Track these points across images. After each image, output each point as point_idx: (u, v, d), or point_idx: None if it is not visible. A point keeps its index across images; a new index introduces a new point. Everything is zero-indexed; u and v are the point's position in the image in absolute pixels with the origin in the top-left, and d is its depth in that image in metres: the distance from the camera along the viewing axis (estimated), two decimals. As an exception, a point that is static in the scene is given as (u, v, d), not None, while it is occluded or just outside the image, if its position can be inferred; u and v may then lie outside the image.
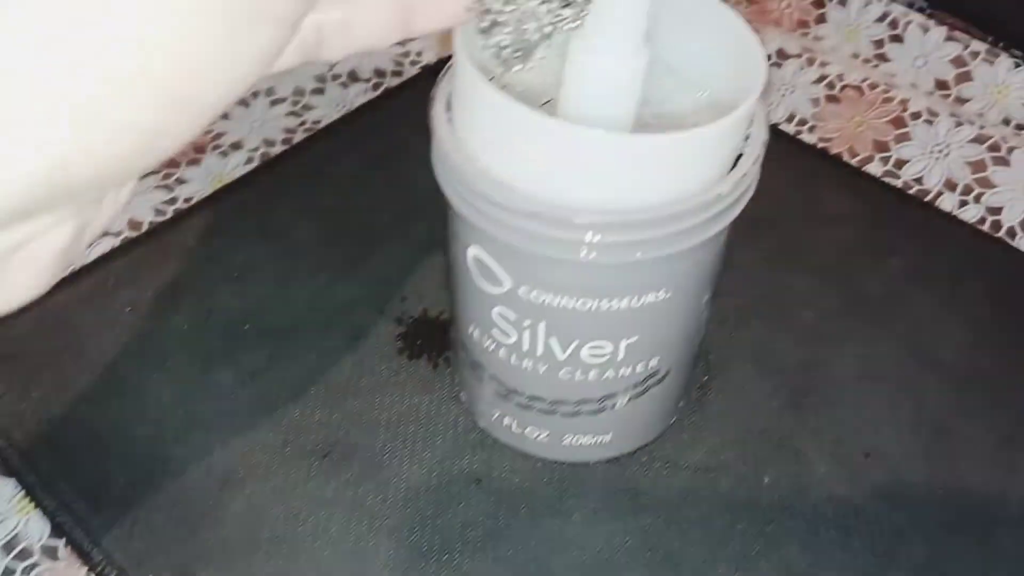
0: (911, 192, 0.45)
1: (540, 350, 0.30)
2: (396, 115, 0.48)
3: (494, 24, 0.23)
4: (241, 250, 0.42)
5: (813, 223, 0.43)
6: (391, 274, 0.40)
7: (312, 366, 0.37)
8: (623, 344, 0.29)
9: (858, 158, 0.46)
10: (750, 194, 0.27)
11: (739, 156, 0.27)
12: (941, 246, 0.42)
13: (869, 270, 0.41)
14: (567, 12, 0.24)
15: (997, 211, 0.43)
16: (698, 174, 0.26)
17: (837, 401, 0.36)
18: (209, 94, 0.19)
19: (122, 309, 0.39)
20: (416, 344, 0.38)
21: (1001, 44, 0.51)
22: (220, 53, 0.19)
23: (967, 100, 0.49)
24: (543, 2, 0.23)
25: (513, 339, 0.30)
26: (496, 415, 0.34)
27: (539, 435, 0.33)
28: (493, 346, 0.31)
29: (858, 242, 0.42)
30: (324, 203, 0.44)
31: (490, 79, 0.26)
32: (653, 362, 0.31)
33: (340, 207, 0.43)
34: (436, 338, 0.38)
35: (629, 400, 0.32)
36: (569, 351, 0.30)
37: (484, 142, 0.26)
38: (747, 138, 0.27)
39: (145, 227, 0.43)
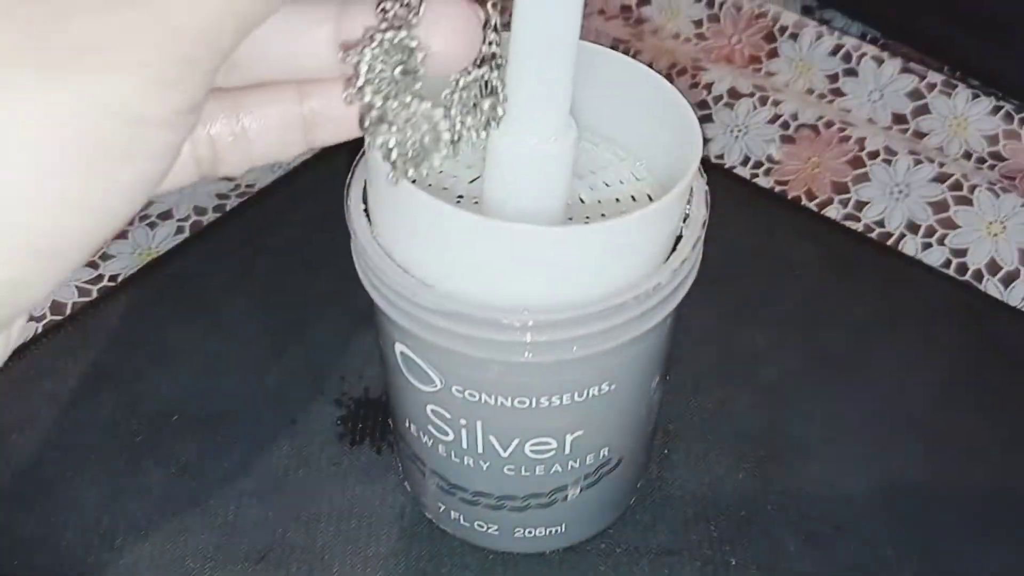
0: (872, 236, 0.43)
1: (480, 448, 0.28)
2: (335, 175, 0.45)
3: (379, 122, 0.21)
4: (170, 331, 0.39)
5: (772, 273, 0.41)
6: (329, 351, 0.38)
7: (246, 458, 0.35)
8: (568, 439, 0.27)
9: (817, 201, 0.44)
10: (692, 278, 0.26)
11: (679, 237, 0.25)
12: (906, 293, 0.40)
13: (832, 322, 0.39)
14: (472, 122, 0.22)
15: (962, 253, 0.42)
16: (635, 262, 0.24)
17: (803, 469, 0.34)
18: (75, 240, 0.17)
19: (43, 402, 0.37)
20: (358, 428, 0.36)
21: (958, 74, 0.49)
22: (87, 196, 0.17)
23: (926, 134, 0.47)
24: (438, 107, 0.21)
25: (451, 437, 0.28)
26: (442, 508, 0.32)
27: (489, 528, 0.31)
28: (431, 442, 0.29)
29: (820, 292, 0.40)
30: (258, 274, 0.41)
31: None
32: (604, 452, 0.29)
33: (275, 278, 0.41)
34: (379, 420, 0.36)
35: (581, 491, 0.30)
36: (511, 449, 0.27)
37: (402, 238, 0.24)
38: (686, 217, 0.25)
39: (68, 309, 0.40)
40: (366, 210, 0.26)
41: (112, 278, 0.42)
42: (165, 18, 0.17)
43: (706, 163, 0.46)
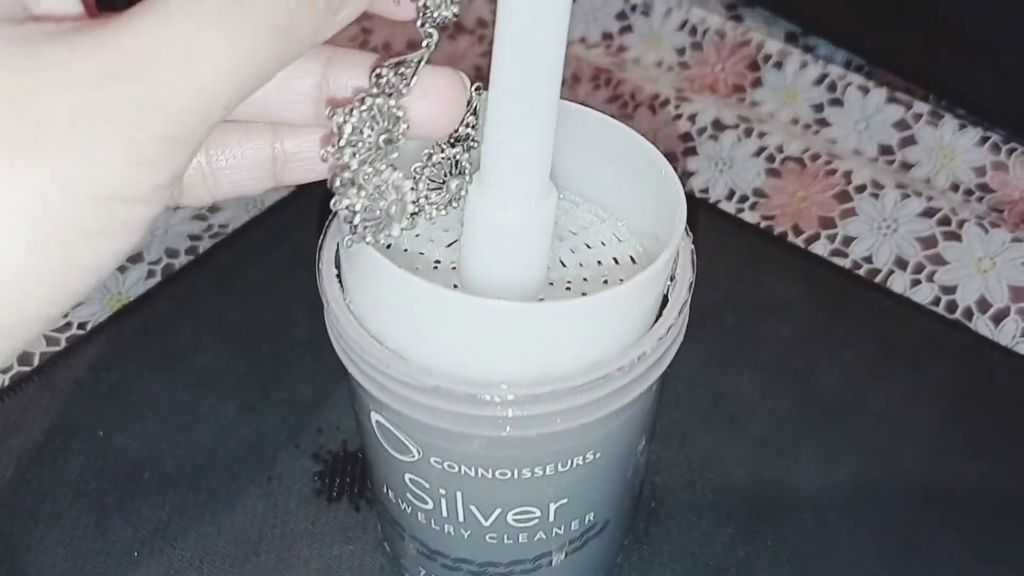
0: (860, 272, 0.42)
1: (461, 516, 0.27)
2: (309, 214, 0.44)
3: (349, 184, 0.20)
4: (140, 382, 0.38)
5: (759, 314, 0.40)
6: (305, 401, 0.37)
7: (219, 517, 0.34)
8: (552, 507, 0.26)
9: (803, 236, 0.44)
10: (679, 342, 0.25)
11: (664, 299, 0.24)
12: (896, 334, 0.39)
13: (822, 366, 0.38)
14: (436, 198, 0.21)
15: (951, 290, 0.41)
16: (619, 332, 0.23)
17: (795, 523, 0.33)
18: (37, 314, 0.16)
19: (9, 460, 0.35)
20: (335, 484, 0.35)
21: (944, 103, 0.49)
22: (53, 273, 0.16)
23: (912, 165, 0.47)
24: (408, 178, 0.20)
25: (430, 505, 0.27)
26: (423, 573, 0.31)
27: (471, 594, 0.30)
28: (410, 509, 0.28)
29: (809, 334, 0.39)
30: (232, 320, 0.40)
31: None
32: (589, 517, 0.28)
33: (250, 325, 0.40)
34: (358, 475, 0.35)
35: (567, 556, 0.29)
36: (493, 518, 0.26)
37: (376, 308, 0.23)
38: (672, 279, 0.24)
39: (36, 360, 0.39)
40: (339, 275, 0.25)
41: (81, 325, 0.40)
42: (156, 94, 0.16)
43: (691, 197, 0.45)
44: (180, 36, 0.16)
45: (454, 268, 0.25)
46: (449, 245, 0.26)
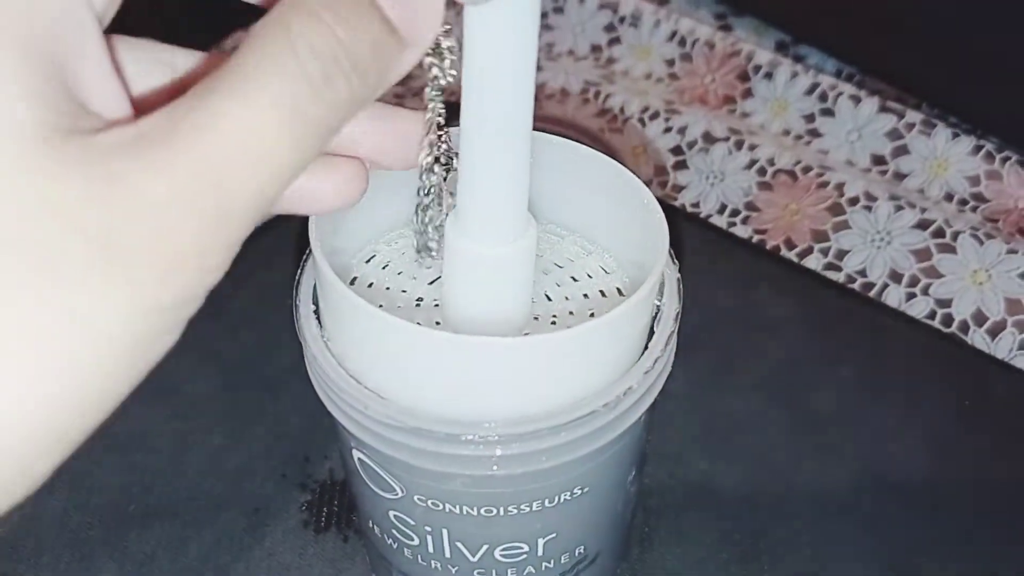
0: (855, 286, 0.42)
1: (447, 553, 0.26)
2: (296, 237, 0.44)
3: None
4: (126, 413, 0.37)
5: (752, 331, 0.40)
6: (293, 430, 0.36)
7: (207, 551, 0.33)
8: (540, 542, 0.26)
9: (796, 250, 0.43)
10: (667, 374, 0.24)
11: (651, 332, 0.24)
12: (892, 349, 0.39)
13: (817, 384, 0.38)
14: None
15: (947, 303, 0.40)
16: (604, 366, 0.22)
17: (793, 546, 0.33)
18: (78, 428, 0.17)
19: (-9, 495, 0.35)
20: (323, 514, 0.34)
21: (936, 112, 0.48)
22: (104, 388, 0.16)
23: (905, 175, 0.46)
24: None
25: (416, 542, 0.26)
26: (412, 607, 0.30)
27: (461, 628, 0.30)
28: (396, 545, 0.27)
29: (803, 351, 0.39)
30: (218, 348, 0.39)
31: (352, 279, 0.23)
32: (579, 550, 0.27)
33: (235, 353, 0.39)
34: (346, 505, 0.34)
35: (557, 589, 0.28)
36: (480, 554, 0.26)
37: (355, 348, 0.23)
38: (657, 311, 0.24)
39: (19, 391, 0.38)
40: (316, 312, 0.24)
41: (65, 354, 0.40)
42: (227, 208, 0.15)
43: (681, 212, 0.45)
44: (250, 147, 0.15)
45: (436, 305, 0.24)
46: (431, 283, 0.25)
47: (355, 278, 0.26)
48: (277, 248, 0.43)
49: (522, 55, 0.19)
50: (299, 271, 0.25)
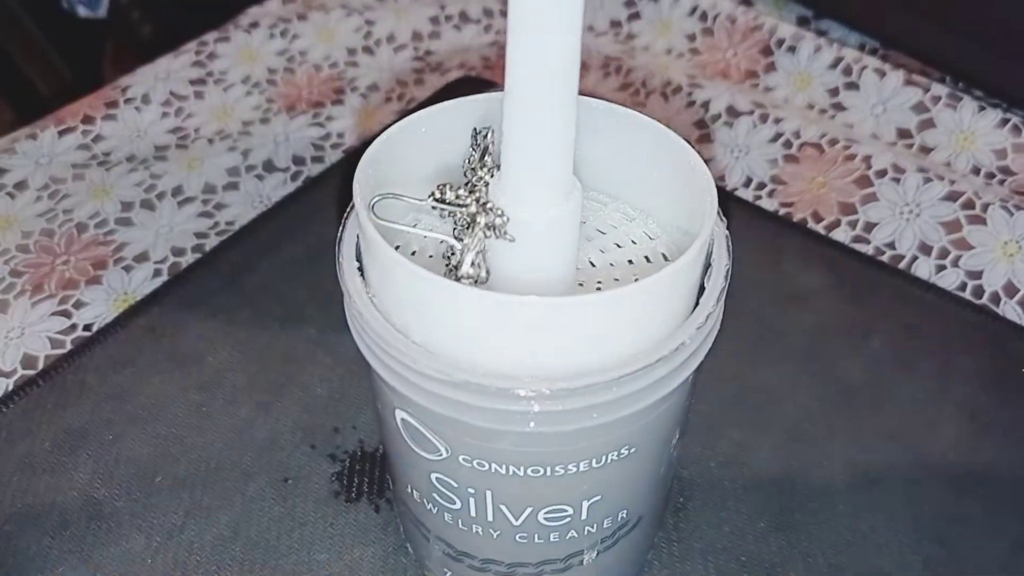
0: (884, 259, 0.41)
1: (490, 516, 0.26)
2: (319, 208, 0.43)
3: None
4: (150, 384, 0.37)
5: (782, 304, 0.39)
6: (320, 401, 0.36)
7: (235, 520, 0.33)
8: (585, 504, 0.25)
9: (823, 223, 0.43)
10: (717, 330, 0.24)
11: (701, 288, 0.23)
12: (922, 321, 0.38)
13: (848, 355, 0.37)
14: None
15: (977, 275, 0.40)
16: (656, 323, 0.22)
17: (828, 516, 0.33)
18: None
19: (15, 468, 0.34)
20: (353, 484, 0.34)
21: (960, 85, 0.48)
22: None
23: (931, 149, 0.46)
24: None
25: (457, 505, 0.26)
26: (448, 574, 0.30)
27: (498, 595, 0.29)
28: (436, 509, 0.27)
29: (833, 323, 0.38)
30: (242, 320, 0.39)
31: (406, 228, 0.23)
32: (622, 515, 0.27)
33: (261, 323, 0.39)
34: (376, 475, 0.34)
35: (598, 555, 0.28)
36: (523, 517, 0.25)
37: (401, 304, 0.22)
38: (708, 268, 0.23)
39: (41, 363, 0.38)
40: (360, 268, 0.24)
41: (86, 327, 0.39)
42: None
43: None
44: None
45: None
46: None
47: (397, 246, 0.25)
48: (302, 220, 0.43)
49: (570, 9, 0.19)
50: (340, 227, 0.24)
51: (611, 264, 0.25)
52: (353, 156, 0.46)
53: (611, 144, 0.25)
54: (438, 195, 0.23)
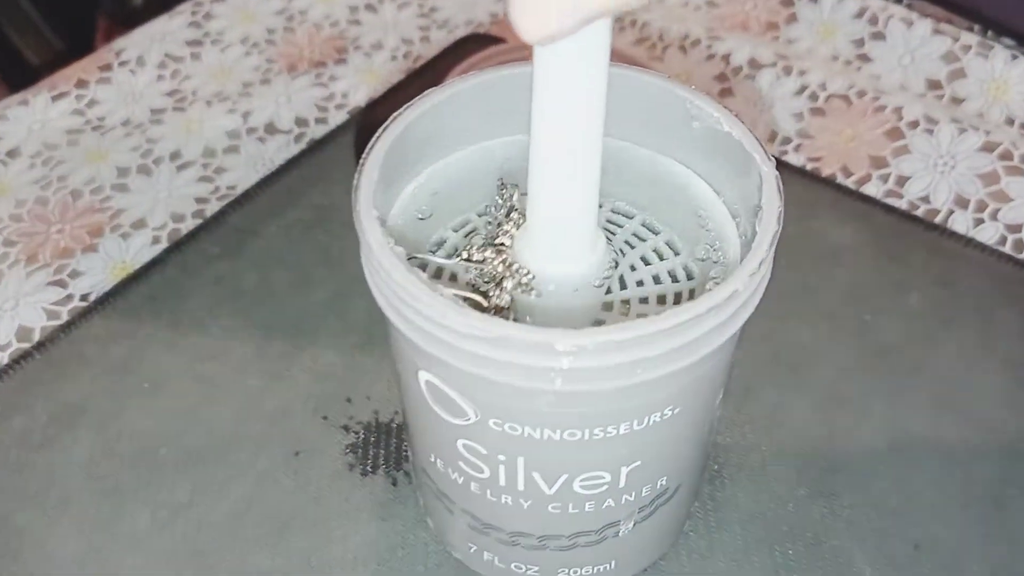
0: (918, 213, 0.39)
1: (521, 485, 0.24)
2: (324, 171, 0.41)
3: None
4: (152, 355, 0.35)
5: (815, 261, 0.37)
6: (332, 370, 0.34)
7: (245, 496, 0.31)
8: (624, 471, 0.23)
9: (854, 178, 0.41)
10: (767, 279, 0.22)
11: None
12: (961, 275, 0.37)
13: (885, 312, 0.35)
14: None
15: (1017, 228, 0.38)
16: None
17: (872, 480, 0.31)
18: None
19: (12, 443, 0.33)
20: (369, 457, 0.32)
21: (989, 34, 0.46)
22: None
23: (962, 100, 0.44)
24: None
25: (486, 474, 0.24)
26: (473, 549, 0.28)
27: (528, 570, 0.27)
28: (462, 479, 0.25)
29: (868, 279, 0.37)
30: (247, 287, 0.37)
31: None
32: (661, 482, 0.25)
33: (266, 290, 0.37)
34: (393, 447, 0.32)
35: (635, 525, 0.26)
36: (557, 486, 0.24)
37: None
38: (759, 211, 0.22)
39: (37, 335, 0.36)
40: (381, 220, 0.22)
41: (83, 297, 0.38)
42: None
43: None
44: None
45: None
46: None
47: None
48: (305, 182, 0.41)
49: (592, 96, 0.19)
50: (358, 172, 0.22)
51: (638, 283, 0.24)
52: (359, 116, 0.43)
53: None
54: (465, 256, 0.23)
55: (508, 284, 0.22)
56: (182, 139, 0.44)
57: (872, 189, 0.40)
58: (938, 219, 0.39)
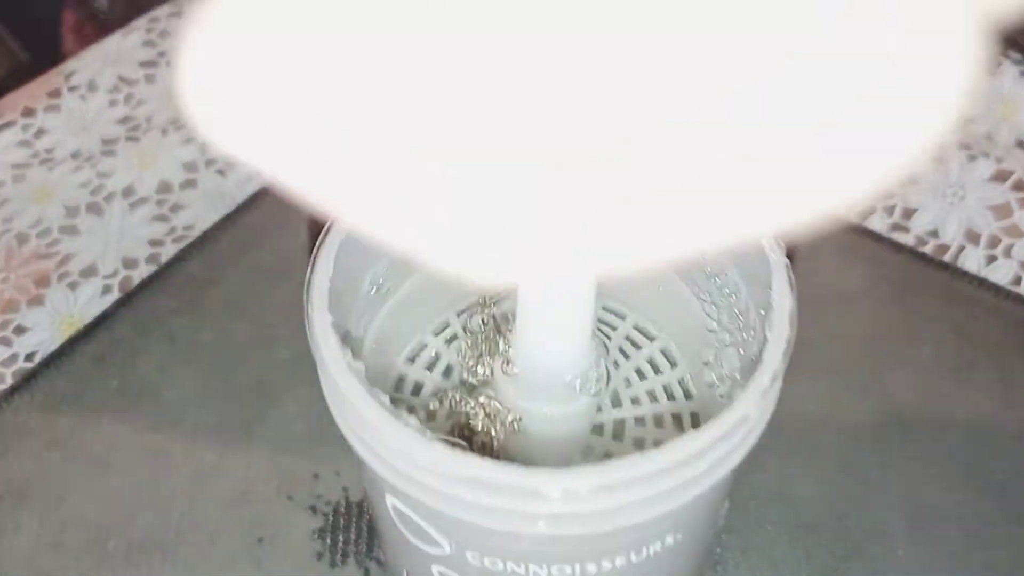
0: (926, 250, 0.37)
1: (505, 612, 0.21)
2: (290, 207, 0.38)
3: None
4: (99, 425, 0.32)
5: (817, 309, 0.35)
6: (297, 441, 0.31)
7: (203, 590, 0.28)
8: (620, 598, 0.21)
9: (855, 211, 0.38)
10: (777, 395, 0.19)
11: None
12: (977, 322, 0.34)
13: (896, 367, 0.33)
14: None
15: (1033, 267, 0.36)
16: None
17: (889, 565, 0.28)
18: None
19: (-54, 530, 0.30)
20: (339, 543, 0.29)
21: (996, 49, 0.43)
22: None
23: (970, 120, 0.41)
24: None
25: (465, 600, 0.21)
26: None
27: None
28: (439, 599, 0.22)
29: (876, 329, 0.34)
30: (204, 344, 0.34)
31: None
32: (661, 599, 0.22)
33: (223, 348, 0.34)
34: (365, 531, 0.29)
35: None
36: (546, 614, 0.21)
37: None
38: (769, 309, 0.19)
39: (-24, 402, 0.33)
40: (335, 324, 0.19)
41: (28, 357, 0.34)
42: None
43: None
44: None
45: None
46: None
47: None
48: (271, 222, 0.38)
49: None
50: (310, 267, 0.20)
51: (633, 401, 0.21)
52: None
53: None
54: (448, 403, 0.21)
55: (494, 430, 0.19)
56: (135, 173, 0.40)
57: (876, 223, 0.38)
58: (948, 256, 0.36)
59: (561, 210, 0.10)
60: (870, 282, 0.35)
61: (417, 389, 0.23)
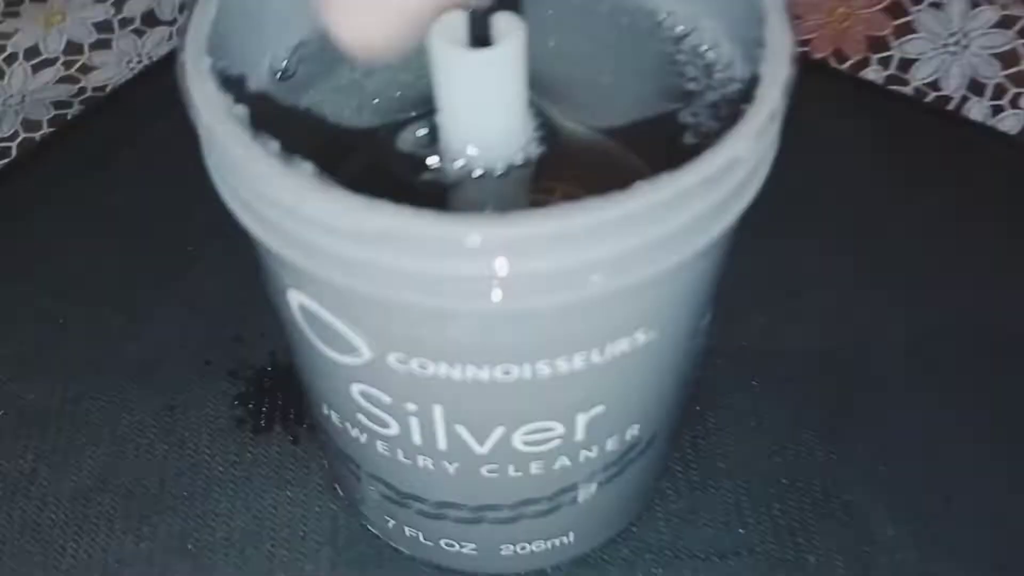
0: (928, 101, 0.33)
1: (443, 443, 0.17)
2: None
3: None
4: (-9, 291, 0.28)
5: (809, 158, 0.31)
6: (216, 302, 0.27)
7: (104, 463, 0.24)
8: (581, 420, 0.17)
9: (849, 63, 0.34)
10: (777, 144, 0.16)
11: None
12: (981, 173, 0.31)
13: (891, 218, 0.29)
14: None
15: (1044, 115, 0.32)
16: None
17: (888, 418, 0.25)
18: None
19: None
20: (263, 409, 0.25)
21: None
22: None
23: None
24: None
25: (394, 430, 0.17)
26: (391, 524, 0.22)
27: (462, 548, 0.21)
28: (365, 437, 0.18)
29: (870, 180, 0.30)
30: (113, 206, 0.30)
31: None
32: (632, 432, 0.19)
33: (135, 209, 0.30)
34: (292, 395, 0.26)
35: (598, 487, 0.20)
36: (492, 442, 0.17)
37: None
38: (760, 48, 0.15)
39: None
40: (215, 66, 0.15)
41: (-89, 224, 0.30)
42: None
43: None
44: None
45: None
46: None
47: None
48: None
49: None
50: (186, 15, 0.16)
51: None
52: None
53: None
54: None
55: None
56: (40, 33, 0.36)
57: (871, 75, 0.34)
58: (949, 107, 0.33)
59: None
60: (863, 134, 0.32)
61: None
